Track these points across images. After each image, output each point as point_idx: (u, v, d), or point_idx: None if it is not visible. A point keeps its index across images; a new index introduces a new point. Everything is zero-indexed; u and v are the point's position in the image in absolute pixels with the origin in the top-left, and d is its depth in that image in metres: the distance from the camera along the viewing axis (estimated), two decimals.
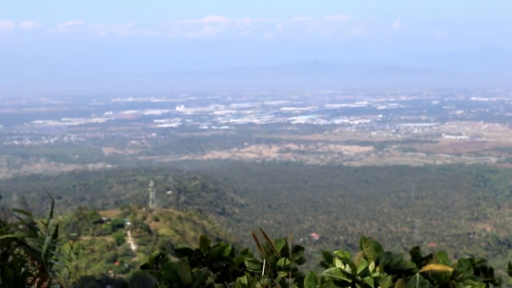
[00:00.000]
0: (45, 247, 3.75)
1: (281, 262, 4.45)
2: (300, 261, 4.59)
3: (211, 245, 4.70)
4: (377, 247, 4.47)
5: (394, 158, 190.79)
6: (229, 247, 4.69)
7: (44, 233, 3.85)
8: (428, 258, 4.66)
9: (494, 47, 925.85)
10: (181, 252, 4.66)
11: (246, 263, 4.56)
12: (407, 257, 4.93)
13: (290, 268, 4.48)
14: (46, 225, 3.78)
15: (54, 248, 3.83)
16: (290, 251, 4.60)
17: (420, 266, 4.70)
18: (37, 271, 3.82)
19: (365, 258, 4.22)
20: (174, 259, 4.42)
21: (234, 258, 4.60)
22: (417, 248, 4.90)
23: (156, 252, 4.61)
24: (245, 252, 4.69)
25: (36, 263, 3.82)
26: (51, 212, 3.94)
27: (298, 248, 4.67)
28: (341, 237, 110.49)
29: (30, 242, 3.75)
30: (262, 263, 4.45)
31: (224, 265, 4.60)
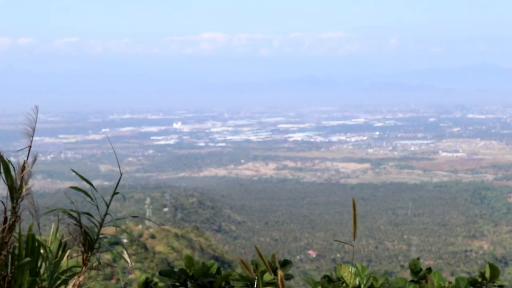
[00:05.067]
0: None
1: (267, 277, 4.41)
2: (288, 277, 4.51)
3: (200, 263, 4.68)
4: (360, 269, 4.42)
5: (391, 175, 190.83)
6: (215, 265, 4.66)
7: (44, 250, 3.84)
8: (427, 271, 4.65)
9: (490, 63, 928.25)
10: (165, 274, 4.63)
11: (231, 282, 4.52)
12: (403, 275, 4.89)
13: (276, 283, 4.42)
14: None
15: (57, 265, 3.83)
16: (276, 266, 4.55)
17: (418, 278, 4.67)
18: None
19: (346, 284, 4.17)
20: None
21: (219, 276, 4.57)
22: (418, 259, 4.87)
23: (143, 277, 4.58)
24: (230, 272, 4.66)
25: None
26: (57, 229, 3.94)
27: (286, 263, 4.60)
28: (338, 255, 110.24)
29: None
30: (247, 281, 4.41)
31: (209, 281, 4.56)
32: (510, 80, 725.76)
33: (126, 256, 4.20)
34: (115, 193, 4.07)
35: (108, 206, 4.05)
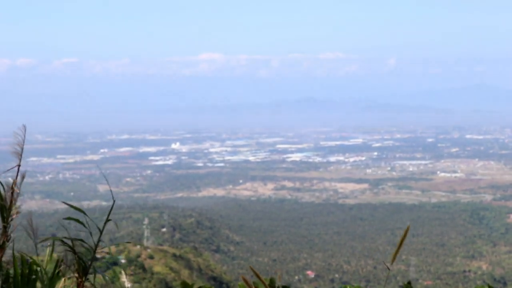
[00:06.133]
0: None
1: None
2: None
3: (199, 285, 4.68)
4: None
5: (389, 195, 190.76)
6: None
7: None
8: None
9: (489, 84, 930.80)
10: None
11: None
12: None
13: None
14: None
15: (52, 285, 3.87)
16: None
17: None
18: None
19: None
20: None
21: None
22: (409, 283, 4.87)
23: None
24: None
25: None
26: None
27: None
28: (336, 275, 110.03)
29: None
30: None
31: None
32: (508, 101, 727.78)
33: (123, 277, 4.26)
34: (108, 220, 4.18)
35: (101, 232, 4.15)
